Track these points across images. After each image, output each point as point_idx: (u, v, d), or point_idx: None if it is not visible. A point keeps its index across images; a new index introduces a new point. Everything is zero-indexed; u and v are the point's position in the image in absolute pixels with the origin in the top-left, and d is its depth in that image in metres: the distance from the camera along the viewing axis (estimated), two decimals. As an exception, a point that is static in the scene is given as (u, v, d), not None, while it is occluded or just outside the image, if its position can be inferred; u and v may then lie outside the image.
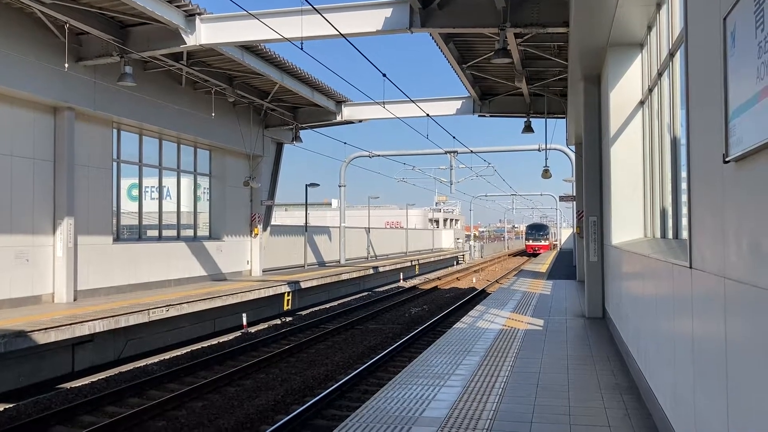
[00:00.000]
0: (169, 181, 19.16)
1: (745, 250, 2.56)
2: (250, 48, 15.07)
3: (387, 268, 31.27)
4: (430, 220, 72.39)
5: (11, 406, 9.23)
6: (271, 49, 15.63)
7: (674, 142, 6.12)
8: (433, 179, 43.77)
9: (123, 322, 12.19)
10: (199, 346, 14.21)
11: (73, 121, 14.20)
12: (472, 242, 62.06)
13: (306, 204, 30.46)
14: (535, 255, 54.25)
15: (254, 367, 11.59)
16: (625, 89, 8.99)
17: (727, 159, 2.72)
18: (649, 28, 7.98)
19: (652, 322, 5.35)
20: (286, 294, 19.47)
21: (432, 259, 43.16)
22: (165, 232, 18.78)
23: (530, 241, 63.41)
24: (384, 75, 13.47)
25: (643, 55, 8.65)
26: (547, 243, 61.72)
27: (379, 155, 32.49)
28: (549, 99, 18.57)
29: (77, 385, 10.69)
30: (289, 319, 18.90)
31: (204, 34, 12.88)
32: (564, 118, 19.87)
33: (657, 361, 5.16)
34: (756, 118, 2.29)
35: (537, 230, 64.63)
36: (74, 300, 14.11)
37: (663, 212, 7.04)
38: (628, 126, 8.99)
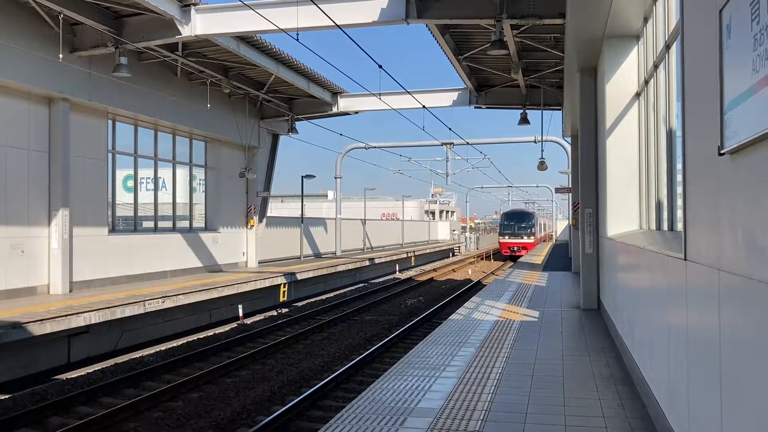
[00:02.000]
0: (165, 173, 19.11)
1: (739, 243, 2.57)
2: (245, 39, 15.00)
3: (383, 260, 31.30)
4: (426, 212, 72.46)
5: (7, 397, 9.23)
6: (267, 40, 15.57)
7: (670, 135, 6.12)
8: (429, 171, 43.84)
9: (119, 314, 12.19)
10: (195, 338, 14.22)
11: (68, 112, 14.13)
12: (468, 234, 62.11)
13: (302, 195, 30.45)
14: (514, 259, 38.83)
15: (250, 359, 11.61)
16: (621, 81, 8.98)
17: (722, 151, 2.73)
18: (646, 20, 7.97)
19: (647, 314, 5.37)
20: (282, 285, 19.49)
21: (428, 251, 43.22)
22: (161, 224, 18.75)
23: (506, 237, 43.65)
24: (380, 66, 13.43)
25: (639, 47, 8.65)
26: (532, 240, 43.14)
27: (375, 147, 32.45)
28: (545, 91, 18.55)
29: (73, 376, 10.70)
30: (285, 310, 18.92)
31: (199, 25, 12.82)
32: (560, 109, 19.87)
33: (651, 352, 5.19)
34: (751, 111, 2.29)
35: (517, 221, 44.22)
36: (70, 291, 14.10)
37: (658, 204, 7.06)
38: (624, 118, 8.99)
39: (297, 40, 11.51)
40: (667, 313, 4.33)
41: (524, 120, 19.55)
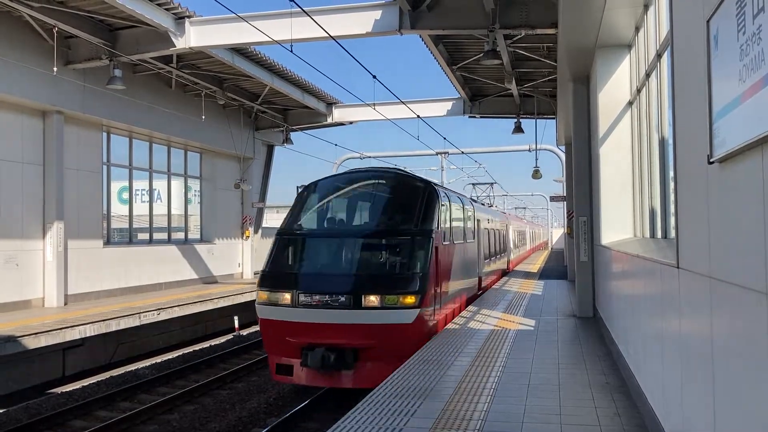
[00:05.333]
0: (160, 184, 19.09)
1: (728, 251, 2.58)
2: (240, 50, 15.04)
3: (379, 270, 31.21)
4: (422, 221, 72.15)
5: (1, 411, 9.17)
6: (261, 52, 15.62)
7: (662, 143, 6.16)
8: (425, 180, 43.73)
9: (114, 326, 12.13)
10: (191, 350, 14.17)
11: (62, 124, 14.13)
12: (463, 243, 61.84)
13: (297, 206, 30.33)
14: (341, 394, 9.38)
15: (246, 370, 11.57)
16: (614, 90, 9.03)
17: (711, 160, 2.75)
18: (637, 29, 8.03)
19: (641, 322, 5.38)
20: (277, 296, 19.40)
21: (424, 260, 43.07)
22: (156, 235, 18.71)
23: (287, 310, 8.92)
24: (374, 77, 13.47)
25: (631, 55, 8.70)
26: (412, 310, 8.77)
27: (370, 156, 32.47)
28: (539, 100, 18.63)
29: (68, 389, 10.64)
30: (281, 321, 18.83)
31: (193, 37, 12.85)
32: (554, 118, 19.95)
33: (646, 360, 5.20)
34: (739, 120, 2.31)
35: (340, 226, 10.41)
36: (65, 304, 14.03)
37: (652, 212, 7.08)
38: (616, 126, 9.03)
39: (291, 51, 11.56)
40: (662, 321, 4.34)
41: (518, 129, 19.62)
